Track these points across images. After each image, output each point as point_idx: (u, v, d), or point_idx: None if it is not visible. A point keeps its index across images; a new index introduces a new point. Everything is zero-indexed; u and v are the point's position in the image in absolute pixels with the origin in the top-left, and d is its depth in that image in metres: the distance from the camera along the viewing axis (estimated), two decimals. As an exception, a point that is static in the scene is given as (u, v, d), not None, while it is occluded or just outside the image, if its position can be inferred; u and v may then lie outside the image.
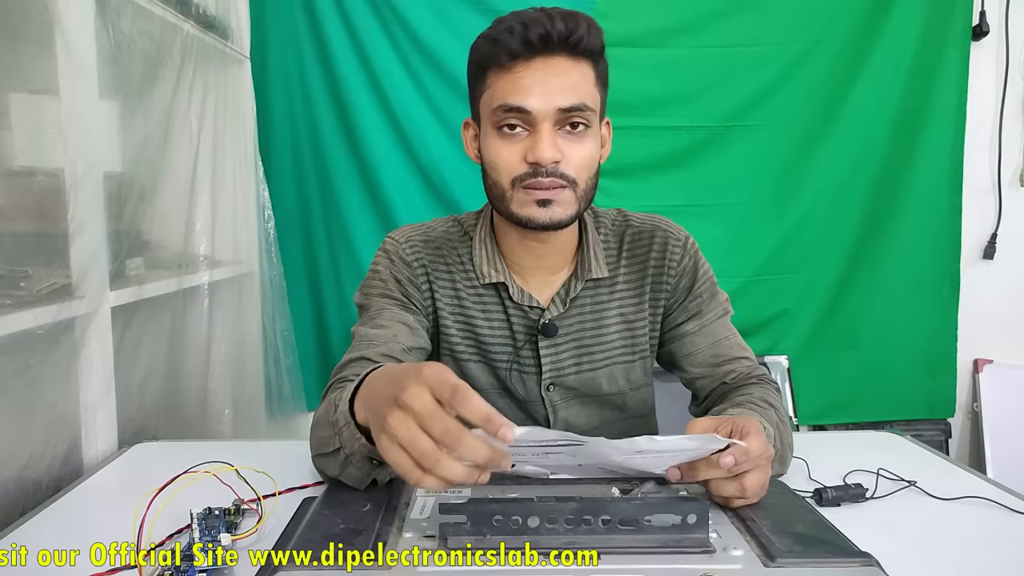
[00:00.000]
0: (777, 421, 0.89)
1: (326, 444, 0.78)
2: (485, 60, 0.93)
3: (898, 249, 2.16)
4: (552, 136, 0.90)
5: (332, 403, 0.79)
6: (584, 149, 0.92)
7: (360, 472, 0.77)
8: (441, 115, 2.01)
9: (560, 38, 0.89)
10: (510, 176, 0.92)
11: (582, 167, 0.92)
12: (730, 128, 2.09)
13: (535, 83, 0.89)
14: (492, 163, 0.94)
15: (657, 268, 1.05)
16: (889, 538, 0.75)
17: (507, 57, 0.90)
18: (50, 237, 1.04)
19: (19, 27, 1.00)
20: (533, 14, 0.90)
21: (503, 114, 0.91)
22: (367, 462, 0.76)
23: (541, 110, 0.89)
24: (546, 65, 0.90)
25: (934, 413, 2.25)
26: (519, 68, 0.90)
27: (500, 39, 0.90)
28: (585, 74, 0.92)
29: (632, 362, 1.07)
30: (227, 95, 1.73)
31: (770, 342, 2.16)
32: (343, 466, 0.77)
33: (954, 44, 2.10)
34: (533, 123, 0.90)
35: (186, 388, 1.52)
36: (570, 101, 0.89)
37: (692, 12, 2.04)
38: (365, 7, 1.96)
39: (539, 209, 0.92)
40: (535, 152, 0.89)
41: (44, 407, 1.02)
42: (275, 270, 1.90)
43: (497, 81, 0.92)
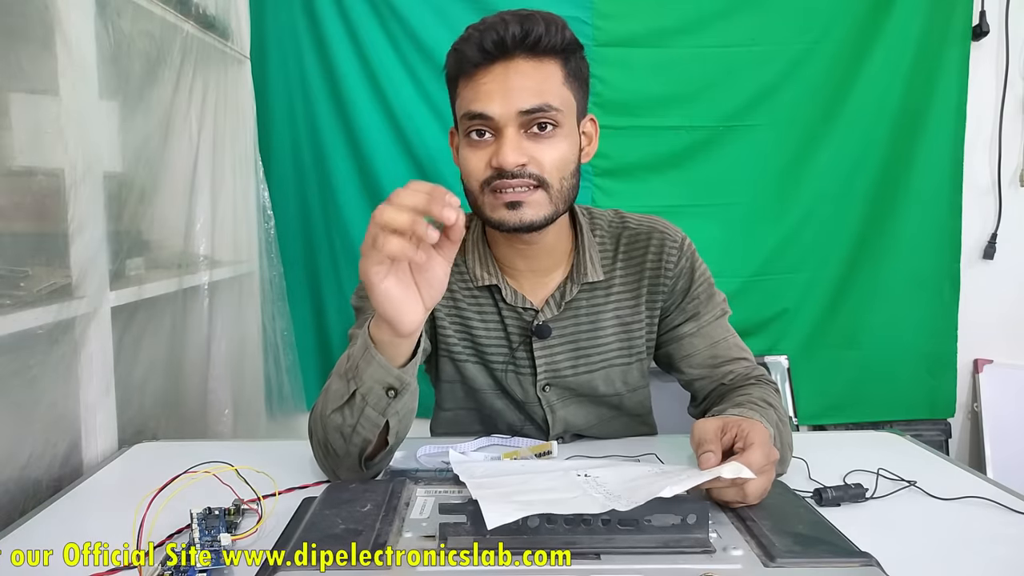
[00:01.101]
0: (777, 421, 0.89)
1: (340, 396, 0.80)
2: (453, 71, 0.95)
3: (898, 249, 2.15)
4: (516, 140, 0.90)
5: (344, 356, 0.82)
6: (554, 150, 0.92)
7: (375, 411, 0.78)
8: (440, 115, 2.01)
9: (515, 41, 0.89)
10: (478, 181, 0.93)
11: (553, 167, 0.92)
12: (730, 128, 2.09)
13: (496, 88, 0.90)
14: (464, 170, 0.96)
15: (654, 270, 1.05)
16: (889, 538, 0.75)
17: (470, 66, 0.91)
18: (50, 237, 1.04)
19: (19, 27, 1.00)
20: (491, 20, 0.91)
21: (468, 121, 0.92)
22: (383, 396, 0.78)
23: (502, 115, 0.90)
24: (506, 69, 0.90)
25: (934, 413, 2.25)
26: (480, 75, 0.91)
27: (461, 49, 0.92)
28: (550, 73, 0.92)
29: (629, 364, 1.07)
30: (227, 95, 1.73)
31: (770, 342, 2.16)
32: (358, 412, 0.78)
33: (954, 44, 2.10)
34: (497, 128, 0.91)
35: (186, 388, 1.52)
36: (532, 103, 0.89)
37: (692, 12, 2.04)
38: (365, 7, 1.96)
39: (508, 212, 0.92)
40: (498, 157, 0.90)
41: (44, 407, 1.02)
42: (275, 270, 1.90)
43: (464, 90, 0.93)
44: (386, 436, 0.82)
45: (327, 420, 0.82)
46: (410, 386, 0.79)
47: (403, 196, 0.67)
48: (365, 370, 0.77)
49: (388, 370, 0.77)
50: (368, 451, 0.83)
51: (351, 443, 0.81)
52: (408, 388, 0.79)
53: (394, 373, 0.77)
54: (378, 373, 0.77)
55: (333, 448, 0.83)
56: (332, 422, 0.81)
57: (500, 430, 1.08)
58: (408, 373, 0.78)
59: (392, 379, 0.77)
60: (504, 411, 1.08)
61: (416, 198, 0.67)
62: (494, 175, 0.91)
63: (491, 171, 0.91)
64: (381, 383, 0.77)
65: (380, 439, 0.83)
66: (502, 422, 1.08)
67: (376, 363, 0.77)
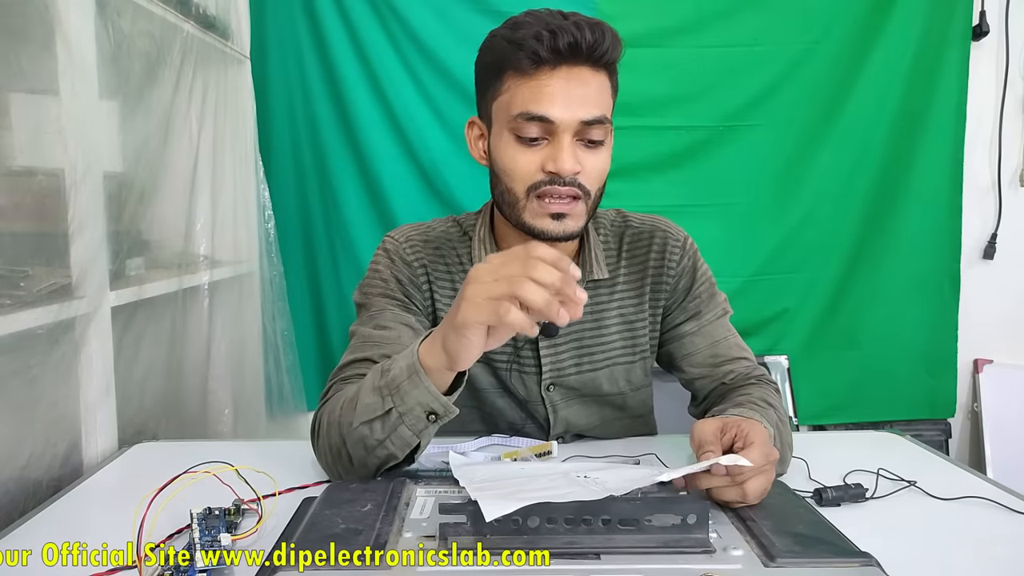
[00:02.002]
0: (777, 421, 0.89)
1: (372, 410, 0.78)
2: (503, 63, 0.90)
3: (898, 249, 2.16)
4: (572, 147, 0.89)
5: (377, 371, 0.80)
6: (600, 161, 0.92)
7: (411, 431, 0.78)
8: (441, 115, 2.01)
9: (588, 49, 0.87)
10: (526, 184, 0.91)
11: (596, 179, 0.92)
12: (730, 128, 2.09)
13: (559, 93, 0.87)
14: (507, 170, 0.92)
15: (656, 268, 1.05)
16: (889, 538, 0.75)
17: (530, 63, 0.88)
18: (50, 237, 1.04)
19: (19, 27, 1.00)
20: (559, 21, 0.87)
21: (524, 122, 0.89)
22: (423, 419, 0.77)
23: (564, 121, 0.88)
24: (570, 75, 0.88)
25: (934, 413, 2.25)
26: (543, 76, 0.88)
27: (525, 43, 0.87)
28: (603, 85, 0.91)
29: (633, 363, 1.07)
30: (227, 95, 1.73)
31: (770, 342, 2.16)
32: (391, 429, 0.78)
33: (954, 44, 2.10)
34: (554, 133, 0.89)
35: (186, 388, 1.52)
36: (592, 113, 0.88)
37: (693, 12, 2.04)
38: (365, 7, 1.96)
39: (553, 222, 0.91)
40: (556, 162, 0.88)
41: (44, 407, 1.02)
42: (275, 270, 1.90)
43: (517, 86, 0.89)
44: (411, 453, 0.82)
45: (350, 431, 0.81)
46: (454, 414, 0.79)
47: (543, 273, 0.66)
48: (410, 392, 0.76)
49: (436, 397, 0.76)
50: (389, 464, 0.82)
51: (373, 455, 0.81)
52: (451, 415, 0.79)
53: (441, 400, 0.76)
54: (424, 397, 0.76)
55: (349, 456, 0.82)
56: (357, 433, 0.80)
57: (501, 429, 1.08)
58: (453, 400, 0.78)
59: (438, 406, 0.77)
60: (506, 410, 1.08)
61: (554, 277, 0.66)
62: (545, 180, 0.90)
63: (542, 175, 0.90)
64: (424, 407, 0.77)
65: (406, 456, 0.82)
66: (503, 420, 1.08)
67: (424, 388, 0.76)
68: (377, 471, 0.83)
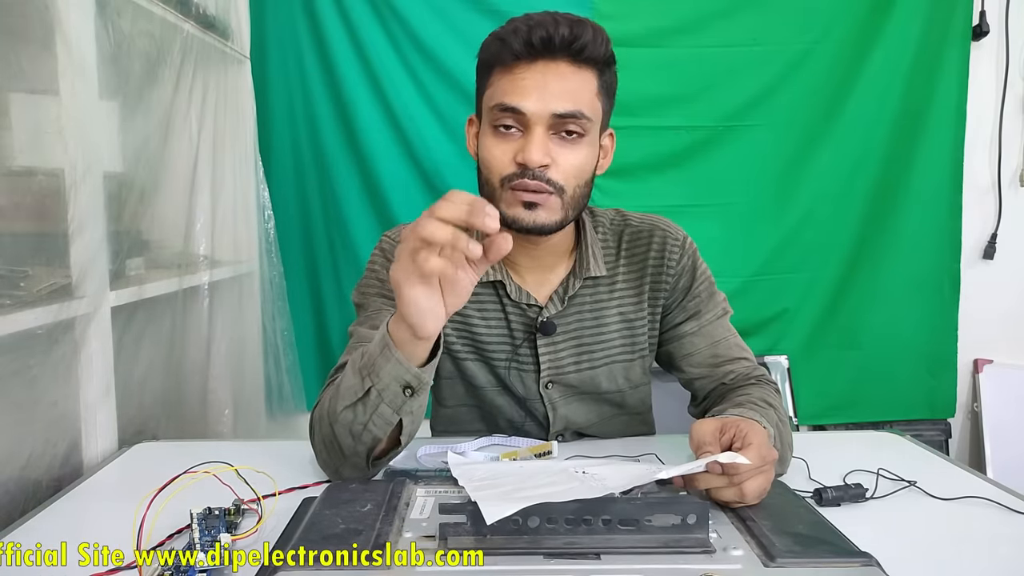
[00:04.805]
0: (777, 421, 0.89)
1: (354, 392, 0.79)
2: (491, 58, 0.94)
3: (898, 249, 2.16)
4: (543, 140, 0.90)
5: (359, 353, 0.81)
6: (575, 157, 0.92)
7: (390, 408, 0.78)
8: (441, 115, 2.01)
9: (563, 42, 0.89)
10: (499, 175, 0.93)
11: (571, 174, 0.92)
12: (730, 128, 2.09)
13: (533, 85, 0.90)
14: (485, 160, 0.94)
15: (656, 267, 1.05)
16: (889, 538, 0.75)
17: (510, 57, 0.90)
18: (50, 237, 1.04)
19: (19, 27, 1.00)
20: (541, 17, 0.90)
21: (499, 113, 0.91)
22: (400, 394, 0.77)
23: (535, 112, 0.89)
24: (547, 69, 0.90)
25: (934, 413, 2.25)
26: (520, 69, 0.91)
27: (506, 39, 0.90)
28: (586, 82, 0.92)
29: (632, 361, 1.07)
30: (227, 95, 1.73)
31: (770, 342, 2.16)
32: (372, 409, 0.78)
33: (954, 44, 2.10)
34: (527, 124, 0.90)
35: (186, 388, 1.52)
36: (566, 107, 0.90)
37: (692, 12, 2.05)
38: (365, 7, 1.96)
39: (524, 211, 0.92)
40: (524, 153, 0.90)
41: (44, 407, 1.02)
42: (275, 270, 1.90)
43: (498, 80, 0.93)
44: (397, 435, 0.82)
45: (337, 417, 0.81)
46: (428, 385, 0.79)
47: (444, 209, 0.66)
48: (383, 367, 0.77)
49: (407, 368, 0.77)
50: (377, 450, 0.83)
51: (360, 441, 0.81)
52: (426, 387, 0.79)
53: (413, 371, 0.77)
54: (397, 370, 0.77)
55: (339, 445, 0.83)
56: (343, 419, 0.81)
57: (500, 427, 1.09)
58: (427, 372, 0.78)
59: (411, 377, 0.77)
60: (505, 408, 1.08)
61: (458, 210, 0.66)
62: (517, 172, 0.91)
63: (514, 167, 0.91)
64: (399, 380, 0.77)
65: (391, 439, 0.82)
66: (503, 419, 1.08)
67: (395, 360, 0.76)
68: (369, 461, 0.83)
